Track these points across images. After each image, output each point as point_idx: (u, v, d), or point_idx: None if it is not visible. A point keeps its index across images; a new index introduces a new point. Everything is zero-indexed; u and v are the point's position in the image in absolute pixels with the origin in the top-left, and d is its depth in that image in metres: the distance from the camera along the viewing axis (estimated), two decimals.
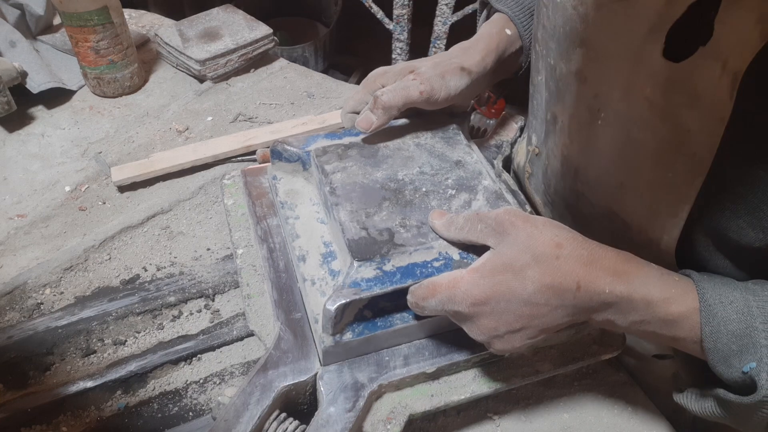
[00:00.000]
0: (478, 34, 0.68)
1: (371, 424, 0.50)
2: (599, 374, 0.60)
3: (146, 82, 0.96)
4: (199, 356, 0.59)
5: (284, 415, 0.50)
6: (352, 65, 2.11)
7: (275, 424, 0.49)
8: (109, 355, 0.59)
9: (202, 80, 0.96)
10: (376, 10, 1.51)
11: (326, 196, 0.55)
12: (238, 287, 0.65)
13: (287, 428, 0.49)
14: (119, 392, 0.56)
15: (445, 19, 1.47)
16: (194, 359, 0.59)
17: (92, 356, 0.59)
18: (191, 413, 0.55)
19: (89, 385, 0.55)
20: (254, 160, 0.81)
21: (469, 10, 1.43)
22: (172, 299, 0.63)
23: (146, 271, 0.67)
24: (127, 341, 0.60)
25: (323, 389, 0.50)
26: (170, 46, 0.95)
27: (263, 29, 0.98)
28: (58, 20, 1.03)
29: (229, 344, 0.60)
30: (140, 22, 1.09)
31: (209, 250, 0.70)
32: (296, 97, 0.95)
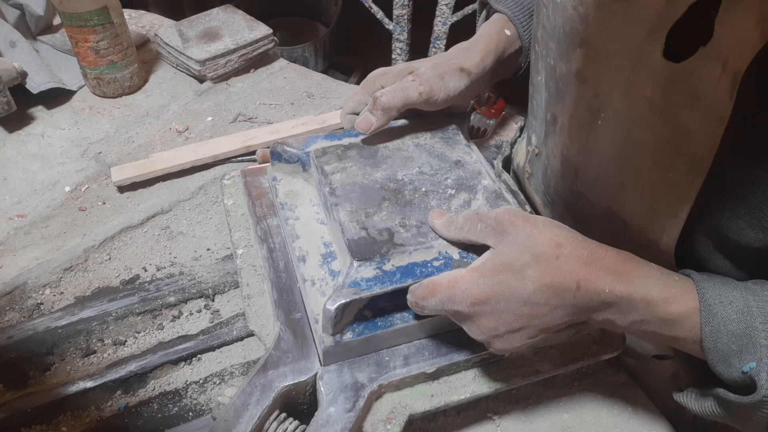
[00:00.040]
0: (477, 34, 0.68)
1: (371, 424, 0.50)
2: (599, 374, 0.60)
3: (146, 82, 0.96)
4: (199, 356, 0.59)
5: (284, 415, 0.50)
6: (352, 65, 2.11)
7: (275, 424, 0.49)
8: (109, 355, 0.59)
9: (202, 80, 0.96)
10: (376, 10, 1.51)
11: (326, 196, 0.56)
12: (238, 287, 0.65)
13: (287, 428, 0.49)
14: (119, 392, 0.56)
15: (445, 19, 1.47)
16: (194, 359, 0.59)
17: (92, 356, 0.59)
18: (191, 413, 0.55)
19: (89, 385, 0.55)
20: (254, 160, 0.81)
21: (468, 10, 1.43)
22: (172, 299, 0.63)
23: (146, 271, 0.67)
24: (127, 341, 0.60)
25: (323, 389, 0.50)
26: (170, 46, 0.95)
27: (263, 29, 0.98)
28: (58, 20, 1.03)
29: (229, 344, 0.60)
30: (140, 22, 1.09)
31: (209, 250, 0.70)
32: (296, 97, 0.95)
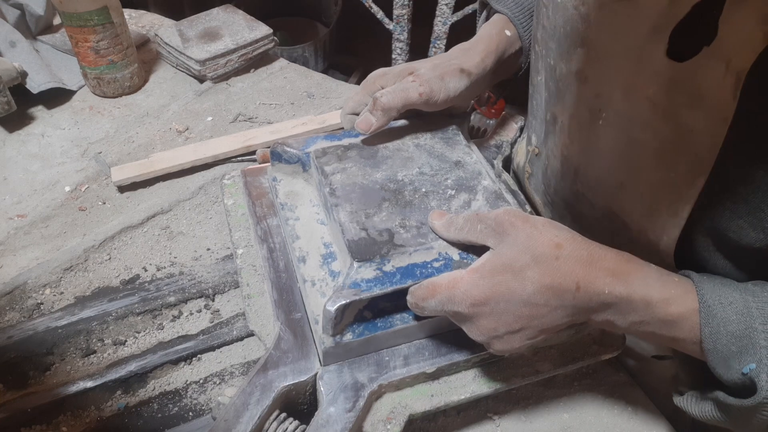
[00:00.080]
0: (477, 35, 0.68)
1: (371, 424, 0.50)
2: (599, 374, 0.60)
3: (146, 82, 0.96)
4: (199, 356, 0.59)
5: (284, 415, 0.50)
6: (352, 65, 2.11)
7: (275, 424, 0.49)
8: (109, 355, 0.59)
9: (202, 80, 0.96)
10: (376, 10, 1.51)
11: (326, 197, 0.56)
12: (238, 287, 0.65)
13: (287, 428, 0.49)
14: (119, 392, 0.56)
15: (445, 19, 1.47)
16: (194, 359, 0.59)
17: (92, 356, 0.59)
18: (191, 413, 0.55)
19: (89, 385, 0.56)
20: (254, 160, 0.81)
21: (469, 10, 1.43)
22: (172, 299, 0.63)
23: (146, 271, 0.67)
24: (127, 341, 0.60)
25: (323, 389, 0.50)
26: (170, 46, 0.95)
27: (263, 29, 0.98)
28: (58, 20, 1.03)
29: (229, 344, 0.61)
30: (140, 22, 1.09)
31: (209, 250, 0.70)
32: (296, 97, 0.95)
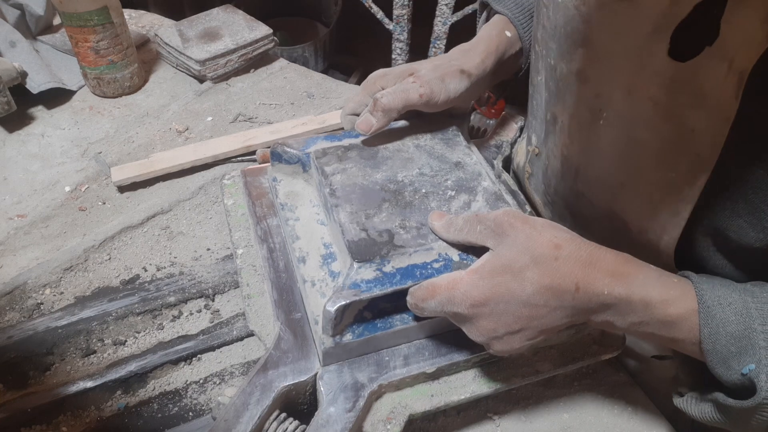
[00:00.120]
0: (477, 36, 0.68)
1: (371, 424, 0.50)
2: (599, 374, 0.60)
3: (146, 82, 0.96)
4: (199, 356, 0.59)
5: (284, 415, 0.50)
6: (352, 65, 2.11)
7: (275, 424, 0.49)
8: (109, 355, 0.59)
9: (202, 80, 0.96)
10: (376, 10, 1.51)
11: (326, 197, 0.56)
12: (238, 287, 0.65)
13: (287, 428, 0.49)
14: (119, 392, 0.56)
15: (445, 19, 1.47)
16: (194, 359, 0.59)
17: (92, 356, 0.59)
18: (191, 413, 0.55)
19: (89, 385, 0.56)
20: (254, 160, 0.81)
21: (469, 10, 1.43)
22: (172, 299, 0.63)
23: (146, 271, 0.67)
24: (127, 341, 0.60)
25: (323, 389, 0.50)
26: (170, 46, 0.95)
27: (263, 29, 0.98)
28: (58, 20, 1.03)
29: (229, 344, 0.61)
30: (140, 22, 1.09)
31: (209, 250, 0.70)
32: (296, 97, 0.95)
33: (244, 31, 0.97)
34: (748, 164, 0.41)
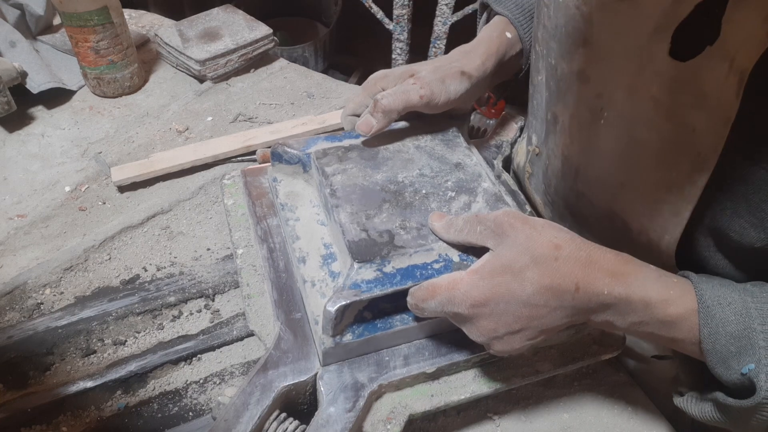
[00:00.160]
0: (478, 37, 0.68)
1: (371, 424, 0.50)
2: (599, 374, 0.60)
3: (146, 82, 0.96)
4: (199, 356, 0.59)
5: (284, 415, 0.50)
6: (352, 65, 2.11)
7: (275, 424, 0.49)
8: (109, 355, 0.59)
9: (202, 80, 0.96)
10: (376, 10, 1.51)
11: (326, 197, 0.56)
12: (238, 287, 0.65)
13: (287, 428, 0.49)
14: (119, 392, 0.56)
15: (445, 19, 1.47)
16: (194, 359, 0.59)
17: (92, 356, 0.59)
18: (191, 413, 0.55)
19: (89, 385, 0.56)
20: (254, 160, 0.81)
21: (469, 10, 1.43)
22: (172, 299, 0.63)
23: (146, 271, 0.67)
24: (127, 341, 0.60)
25: (323, 389, 0.50)
26: (170, 46, 0.95)
27: (263, 29, 0.98)
28: (58, 20, 1.03)
29: (229, 344, 0.61)
30: (140, 22, 1.09)
31: (209, 250, 0.70)
32: (296, 97, 0.95)
33: (244, 31, 0.97)
34: (749, 164, 0.41)
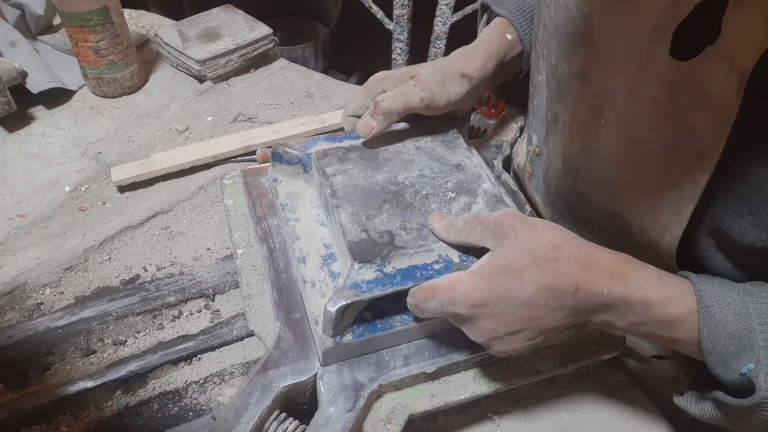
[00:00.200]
0: (478, 39, 0.68)
1: (371, 424, 0.50)
2: (599, 374, 0.60)
3: (146, 82, 0.96)
4: (199, 356, 0.59)
5: (284, 415, 0.50)
6: (352, 65, 2.11)
7: (275, 424, 0.49)
8: (109, 355, 0.59)
9: (202, 80, 0.96)
10: (376, 10, 1.51)
11: (327, 198, 0.56)
12: (238, 287, 0.65)
13: (287, 428, 0.49)
14: (119, 392, 0.56)
15: (445, 19, 1.47)
16: (194, 359, 0.59)
17: (92, 356, 0.59)
18: (191, 413, 0.56)
19: (89, 385, 0.56)
20: (254, 160, 0.81)
21: (469, 10, 1.43)
22: (172, 299, 0.63)
23: (146, 271, 0.67)
24: (127, 341, 0.60)
25: (323, 389, 0.50)
26: (170, 46, 0.95)
27: (263, 29, 0.98)
28: (58, 20, 1.03)
29: (229, 344, 0.61)
30: (140, 22, 1.09)
31: (209, 250, 0.70)
32: (296, 97, 0.95)
33: (244, 31, 0.97)
34: (749, 164, 0.41)
